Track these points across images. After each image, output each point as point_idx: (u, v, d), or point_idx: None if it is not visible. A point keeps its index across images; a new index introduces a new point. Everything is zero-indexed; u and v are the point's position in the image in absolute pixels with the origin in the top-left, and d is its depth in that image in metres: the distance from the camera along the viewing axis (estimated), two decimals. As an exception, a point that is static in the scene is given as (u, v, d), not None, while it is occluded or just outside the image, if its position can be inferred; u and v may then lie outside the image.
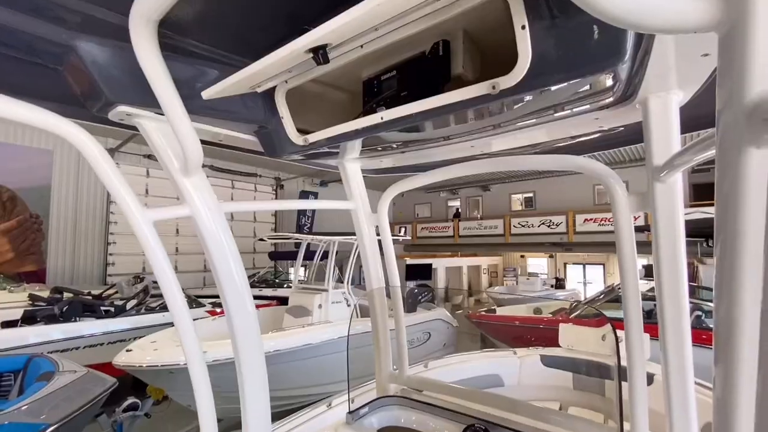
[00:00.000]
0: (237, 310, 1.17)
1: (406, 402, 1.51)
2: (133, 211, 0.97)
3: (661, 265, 1.02)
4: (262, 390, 1.25)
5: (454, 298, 16.54)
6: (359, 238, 1.62)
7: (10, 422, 2.31)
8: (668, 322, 1.02)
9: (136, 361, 4.42)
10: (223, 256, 1.16)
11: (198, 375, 1.11)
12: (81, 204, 11.18)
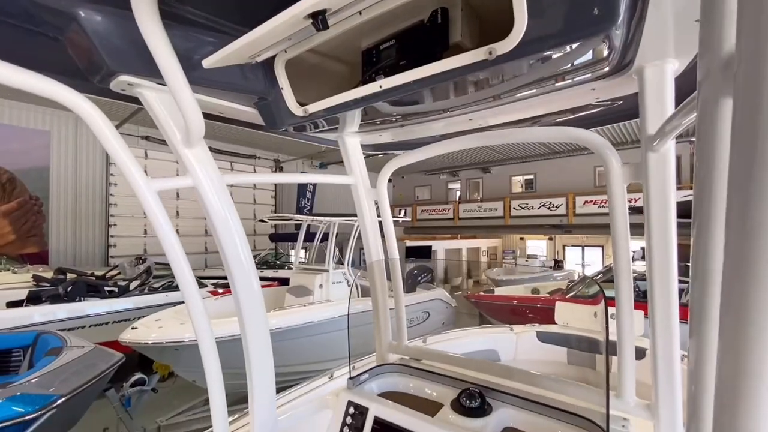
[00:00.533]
0: (241, 277, 1.20)
1: (405, 369, 1.56)
2: (137, 180, 0.98)
3: (652, 236, 1.04)
4: (267, 361, 1.30)
5: (453, 279, 16.75)
6: (359, 213, 1.64)
7: (22, 393, 2.39)
8: (657, 290, 1.06)
9: (142, 338, 4.52)
10: (226, 228, 1.18)
11: (207, 347, 1.13)
12: (80, 185, 11.17)
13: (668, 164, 0.98)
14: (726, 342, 0.33)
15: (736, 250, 0.33)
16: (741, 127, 0.35)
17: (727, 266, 0.34)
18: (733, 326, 0.32)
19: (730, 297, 0.33)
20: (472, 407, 1.22)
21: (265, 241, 13.02)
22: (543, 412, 1.20)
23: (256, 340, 1.26)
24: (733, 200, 0.35)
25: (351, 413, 1.32)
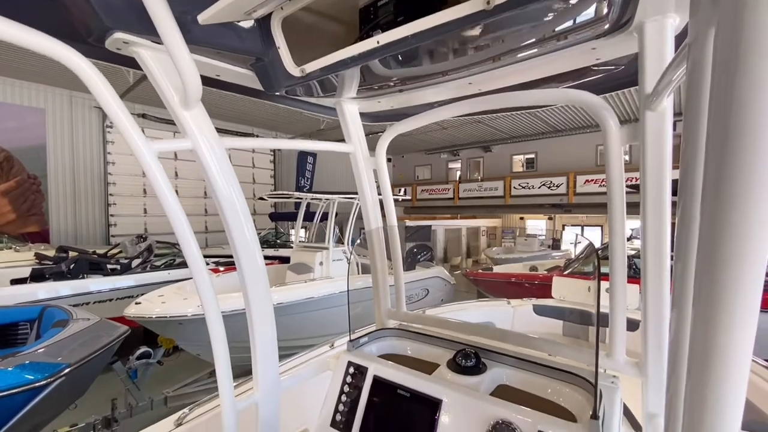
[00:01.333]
0: (240, 239, 1.21)
1: (403, 333, 1.60)
2: (136, 141, 0.97)
3: (647, 198, 1.04)
4: (269, 325, 1.32)
5: (453, 259, 16.89)
6: (357, 182, 1.64)
7: (31, 362, 2.46)
8: (650, 250, 1.07)
9: (146, 313, 4.60)
10: (227, 192, 1.19)
11: (213, 318, 1.14)
12: (78, 164, 11.10)
13: (666, 122, 0.97)
14: (699, 313, 0.38)
15: (708, 225, 0.36)
16: (719, 84, 0.36)
17: (702, 239, 0.38)
18: (705, 301, 0.37)
19: (703, 272, 0.37)
20: (467, 366, 1.25)
21: (265, 220, 13.06)
22: (536, 371, 1.24)
23: (257, 296, 1.29)
24: (709, 168, 0.37)
25: (351, 373, 1.36)
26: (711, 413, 0.38)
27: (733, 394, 0.37)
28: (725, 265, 0.35)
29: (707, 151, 0.37)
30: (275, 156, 15.41)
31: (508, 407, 1.06)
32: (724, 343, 0.36)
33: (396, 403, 1.22)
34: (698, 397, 0.39)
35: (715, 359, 0.37)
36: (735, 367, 0.36)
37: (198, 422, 1.80)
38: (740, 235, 0.34)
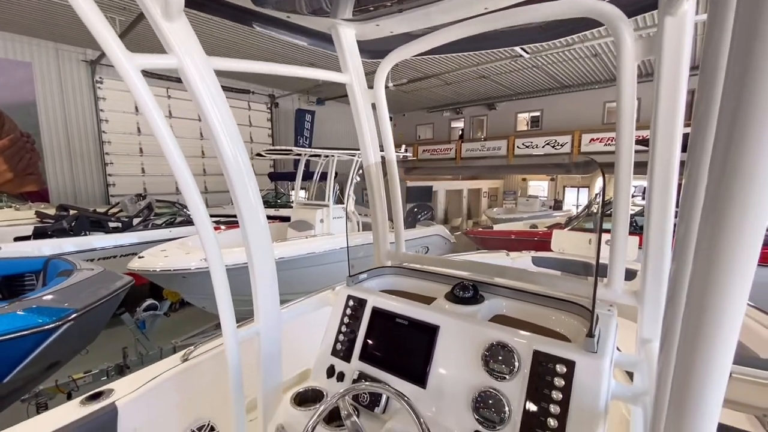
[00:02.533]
0: (234, 166, 1.16)
1: (402, 271, 1.59)
2: (118, 55, 0.89)
3: (659, 114, 0.98)
4: (270, 267, 1.32)
5: (453, 220, 16.94)
6: (355, 116, 1.55)
7: (38, 306, 2.51)
8: (657, 166, 1.02)
9: (150, 266, 4.67)
10: (217, 117, 1.12)
11: (217, 270, 1.14)
12: (71, 122, 10.82)
13: (685, 31, 0.88)
14: (701, 255, 0.40)
15: (717, 176, 0.37)
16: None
17: (710, 180, 0.38)
18: (708, 243, 0.38)
19: (708, 214, 0.38)
20: (464, 297, 1.25)
21: (264, 180, 12.96)
22: (533, 301, 1.24)
23: (256, 236, 1.27)
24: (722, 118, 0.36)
25: (350, 305, 1.36)
26: (707, 340, 0.40)
27: (729, 325, 0.39)
28: (729, 213, 0.36)
29: (722, 102, 0.37)
30: (272, 114, 15.00)
31: (504, 330, 1.07)
32: (723, 283, 0.38)
33: (394, 330, 1.23)
34: (694, 325, 0.41)
35: (713, 297, 0.39)
36: (732, 302, 0.38)
37: (203, 358, 1.85)
38: (746, 188, 0.35)
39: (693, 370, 0.42)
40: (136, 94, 0.96)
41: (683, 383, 0.44)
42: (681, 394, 0.44)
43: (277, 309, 1.40)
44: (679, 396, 0.44)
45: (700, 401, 0.43)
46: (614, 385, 0.92)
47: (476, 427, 0.97)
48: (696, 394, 0.43)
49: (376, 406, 1.13)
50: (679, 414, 0.45)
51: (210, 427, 1.92)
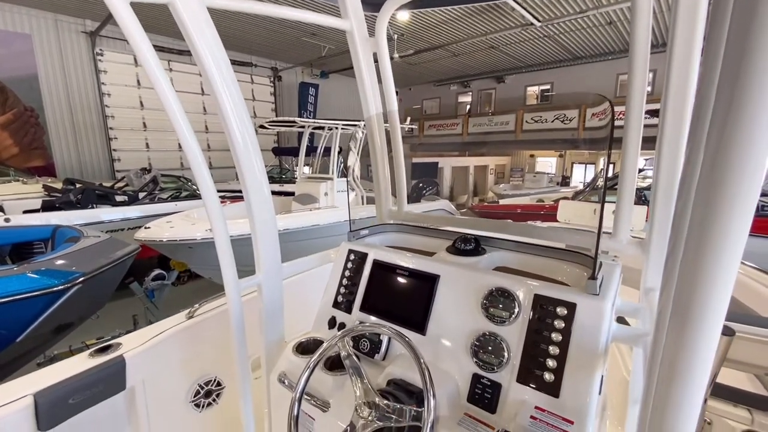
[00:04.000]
0: (232, 114, 1.13)
1: (404, 228, 1.57)
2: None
3: (673, 62, 0.92)
4: (270, 214, 1.31)
5: (459, 197, 16.83)
6: (355, 65, 1.49)
7: (47, 268, 2.55)
8: (669, 116, 0.98)
9: (156, 236, 4.71)
10: (215, 61, 1.07)
11: (221, 240, 1.14)
12: (73, 96, 10.74)
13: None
14: (697, 210, 0.42)
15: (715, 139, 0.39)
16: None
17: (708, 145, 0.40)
18: (706, 198, 0.41)
19: (708, 173, 0.40)
20: (466, 249, 1.23)
21: (268, 156, 12.90)
22: (535, 252, 1.22)
23: (255, 188, 1.25)
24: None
25: (351, 259, 1.35)
26: (702, 290, 0.42)
27: (725, 269, 0.41)
28: (727, 175, 0.38)
29: (721, 74, 0.38)
30: (275, 88, 14.73)
31: (505, 277, 1.05)
32: (718, 237, 0.40)
33: (395, 281, 1.22)
34: (691, 273, 0.43)
35: (710, 245, 0.40)
36: (728, 246, 0.40)
37: (207, 316, 1.88)
38: (742, 153, 0.37)
39: (690, 308, 0.44)
40: (129, 34, 0.91)
41: (680, 322, 0.46)
42: (678, 331, 0.46)
43: (278, 262, 1.39)
44: (676, 332, 0.46)
45: (696, 336, 0.45)
46: (615, 328, 0.91)
47: (475, 370, 0.97)
48: (692, 329, 0.45)
49: (376, 352, 1.13)
50: (675, 349, 0.47)
51: (216, 382, 1.97)
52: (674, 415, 0.51)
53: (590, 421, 0.80)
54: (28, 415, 1.32)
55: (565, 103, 14.09)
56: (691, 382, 0.47)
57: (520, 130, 14.78)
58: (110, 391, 1.54)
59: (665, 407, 0.53)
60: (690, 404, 0.49)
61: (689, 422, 0.50)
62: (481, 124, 16.12)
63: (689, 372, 0.47)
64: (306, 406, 1.12)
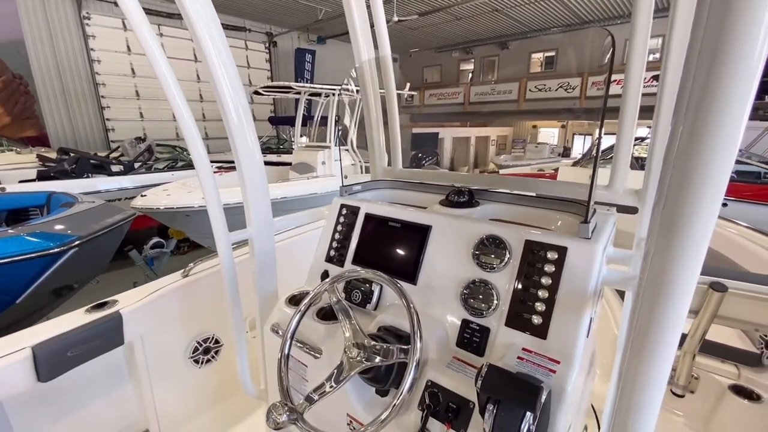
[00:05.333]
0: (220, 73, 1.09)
1: (398, 184, 1.54)
2: None
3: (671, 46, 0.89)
4: (261, 179, 1.32)
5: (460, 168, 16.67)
6: (345, 5, 1.39)
7: (42, 231, 2.54)
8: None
9: (153, 204, 4.69)
10: (207, 28, 1.02)
11: (214, 210, 1.17)
12: (62, 62, 10.39)
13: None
14: (677, 167, 0.45)
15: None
16: None
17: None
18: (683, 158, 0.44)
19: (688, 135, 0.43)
20: (459, 201, 1.20)
21: (265, 127, 12.65)
22: (530, 204, 1.19)
23: (244, 146, 1.23)
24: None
25: (343, 213, 1.33)
26: (681, 233, 0.45)
27: (701, 222, 0.44)
28: (706, 134, 0.41)
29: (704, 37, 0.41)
30: (271, 55, 14.23)
31: (497, 225, 1.03)
32: (696, 197, 0.43)
33: (387, 233, 1.20)
34: (672, 219, 0.45)
35: (689, 195, 0.43)
36: (703, 217, 0.44)
37: (203, 275, 1.89)
38: (720, 115, 0.40)
39: (670, 249, 0.47)
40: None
41: (660, 262, 0.48)
42: (658, 271, 0.49)
43: (269, 216, 1.37)
44: (656, 272, 0.49)
45: (674, 277, 0.48)
46: (606, 272, 0.90)
47: (464, 316, 0.97)
48: (671, 270, 0.47)
49: (367, 303, 1.14)
50: (654, 288, 0.50)
51: (215, 340, 2.01)
52: (650, 355, 0.54)
53: (576, 361, 0.81)
54: (27, 367, 1.34)
55: (566, 50, 13.64)
56: (669, 319, 0.50)
57: (523, 99, 14.42)
58: (108, 345, 1.57)
59: (642, 347, 0.53)
60: (665, 342, 0.51)
61: (664, 360, 0.52)
62: (484, 93, 15.72)
63: (667, 309, 0.49)
64: (299, 354, 1.13)
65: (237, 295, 1.32)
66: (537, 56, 15.61)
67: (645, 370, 0.55)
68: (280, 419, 0.79)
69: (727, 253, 2.48)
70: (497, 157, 14.73)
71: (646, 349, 0.54)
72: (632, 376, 0.57)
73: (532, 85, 14.18)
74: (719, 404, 1.74)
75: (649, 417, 0.57)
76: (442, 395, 0.85)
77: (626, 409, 0.58)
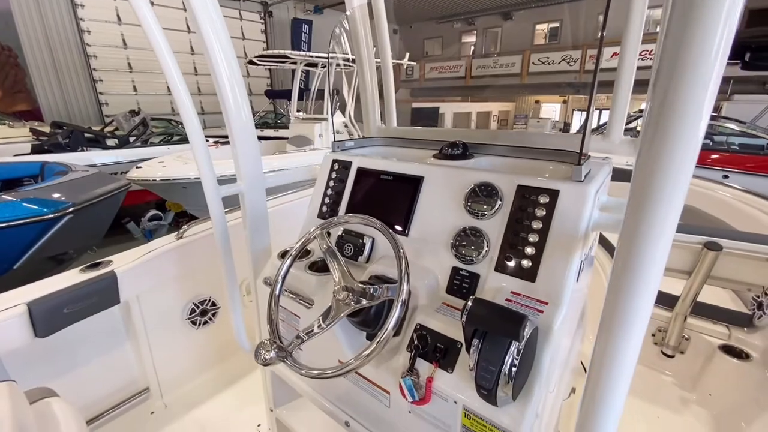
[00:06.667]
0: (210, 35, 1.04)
1: (391, 141, 1.51)
2: None
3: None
4: (251, 136, 1.29)
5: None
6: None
7: (35, 197, 2.52)
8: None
9: (149, 176, 4.65)
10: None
11: (209, 183, 1.16)
12: (51, 33, 10.07)
13: None
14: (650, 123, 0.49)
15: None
16: None
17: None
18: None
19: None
20: (453, 154, 1.18)
21: (262, 101, 12.39)
22: (525, 155, 1.17)
23: (234, 105, 1.20)
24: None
25: (335, 169, 1.30)
26: (658, 182, 0.48)
27: (677, 170, 0.47)
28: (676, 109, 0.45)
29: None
30: (266, 25, 13.77)
31: (489, 171, 1.01)
32: (668, 161, 0.47)
33: (379, 186, 1.18)
34: (650, 165, 0.49)
35: (663, 156, 0.47)
36: (676, 165, 0.47)
37: (197, 237, 1.89)
38: (690, 81, 0.44)
39: (648, 194, 0.49)
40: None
41: (637, 205, 0.51)
42: (636, 214, 0.51)
43: (260, 170, 1.35)
44: (634, 216, 0.52)
45: (651, 222, 0.50)
46: (597, 215, 0.88)
47: (454, 264, 0.97)
48: (647, 221, 0.50)
49: (359, 255, 1.13)
50: (632, 231, 0.52)
51: (211, 302, 2.03)
52: (626, 302, 0.53)
53: (564, 302, 0.80)
54: (23, 322, 1.36)
55: (570, 21, 13.25)
56: (644, 268, 0.51)
57: (526, 73, 14.07)
58: (104, 303, 1.58)
59: (617, 294, 0.55)
60: (641, 291, 0.52)
61: (640, 309, 0.53)
62: (486, 66, 15.33)
63: (643, 257, 0.51)
64: (292, 305, 1.14)
65: (229, 251, 1.31)
66: (541, 27, 15.10)
67: (620, 320, 0.54)
68: (268, 356, 0.80)
69: (723, 216, 2.48)
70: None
71: (621, 298, 0.54)
72: (607, 326, 0.56)
73: (536, 58, 13.81)
74: (708, 364, 1.78)
75: (624, 370, 0.57)
76: (430, 337, 0.85)
77: (599, 364, 0.58)
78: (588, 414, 0.60)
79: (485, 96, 16.64)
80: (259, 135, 8.73)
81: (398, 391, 0.83)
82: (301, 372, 0.81)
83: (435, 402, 0.82)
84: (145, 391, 1.80)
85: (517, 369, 0.67)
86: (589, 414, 0.60)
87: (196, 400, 1.86)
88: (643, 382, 1.88)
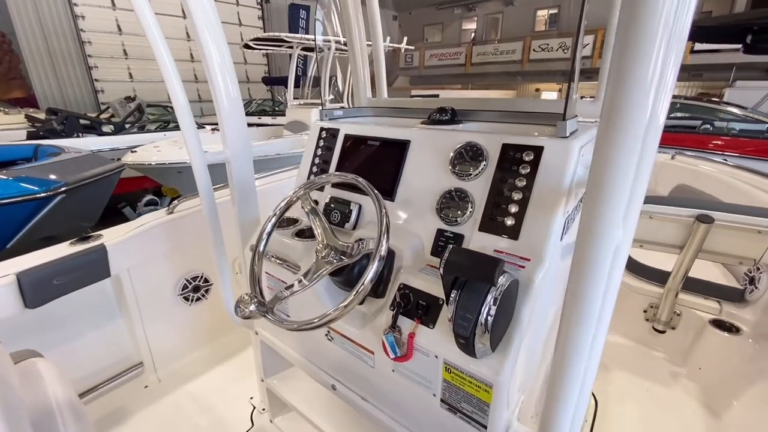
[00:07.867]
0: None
1: (381, 110, 1.49)
2: None
3: None
4: (236, 102, 1.28)
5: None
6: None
7: (27, 176, 2.51)
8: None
9: (144, 160, 4.62)
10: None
11: (194, 151, 1.17)
12: (45, 19, 9.92)
13: None
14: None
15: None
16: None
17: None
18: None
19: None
20: (441, 119, 1.16)
21: (259, 88, 12.26)
22: (515, 120, 1.15)
23: (220, 74, 1.18)
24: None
25: (323, 137, 1.29)
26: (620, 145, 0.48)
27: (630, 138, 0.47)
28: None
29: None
30: (264, 11, 13.56)
31: (474, 132, 0.99)
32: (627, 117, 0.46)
33: (366, 152, 1.17)
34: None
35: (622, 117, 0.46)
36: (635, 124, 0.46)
37: (189, 212, 1.88)
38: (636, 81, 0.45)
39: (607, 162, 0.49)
40: None
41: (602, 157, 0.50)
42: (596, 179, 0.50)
43: (246, 139, 1.33)
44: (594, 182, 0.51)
45: (611, 188, 0.49)
46: (581, 172, 0.87)
47: (439, 226, 0.96)
48: (607, 182, 0.49)
49: (346, 222, 1.12)
50: (595, 195, 0.51)
51: (204, 279, 2.03)
52: (590, 258, 0.52)
53: (547, 257, 0.80)
54: (12, 292, 1.35)
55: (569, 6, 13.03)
56: (603, 230, 0.50)
57: (527, 60, 13.90)
58: (95, 276, 1.58)
59: (582, 251, 0.53)
60: (602, 247, 0.51)
61: (599, 261, 0.52)
62: (486, 53, 15.13)
63: (602, 221, 0.50)
64: (278, 270, 1.13)
65: (217, 221, 1.31)
66: (542, 13, 14.86)
67: (585, 281, 0.53)
68: (247, 309, 0.79)
69: (716, 193, 2.47)
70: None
71: (586, 257, 0.53)
72: (573, 288, 0.55)
73: (536, 45, 13.61)
74: (699, 338, 1.78)
75: (582, 341, 0.56)
76: (413, 295, 0.85)
77: (566, 334, 0.58)
78: (555, 382, 0.61)
79: (485, 84, 16.45)
80: (257, 122, 8.68)
81: (382, 350, 0.83)
82: (282, 325, 0.81)
83: (417, 358, 0.82)
84: (138, 366, 1.81)
85: (495, 319, 0.67)
86: (556, 382, 0.61)
87: (190, 375, 1.87)
88: (634, 357, 1.89)
